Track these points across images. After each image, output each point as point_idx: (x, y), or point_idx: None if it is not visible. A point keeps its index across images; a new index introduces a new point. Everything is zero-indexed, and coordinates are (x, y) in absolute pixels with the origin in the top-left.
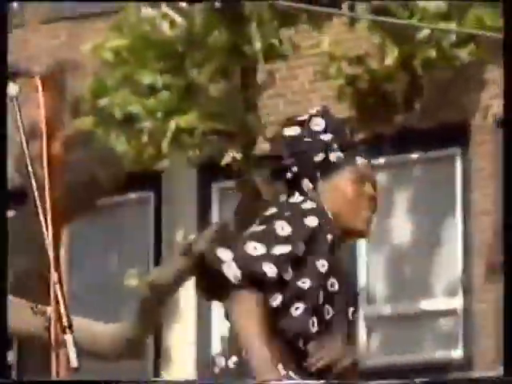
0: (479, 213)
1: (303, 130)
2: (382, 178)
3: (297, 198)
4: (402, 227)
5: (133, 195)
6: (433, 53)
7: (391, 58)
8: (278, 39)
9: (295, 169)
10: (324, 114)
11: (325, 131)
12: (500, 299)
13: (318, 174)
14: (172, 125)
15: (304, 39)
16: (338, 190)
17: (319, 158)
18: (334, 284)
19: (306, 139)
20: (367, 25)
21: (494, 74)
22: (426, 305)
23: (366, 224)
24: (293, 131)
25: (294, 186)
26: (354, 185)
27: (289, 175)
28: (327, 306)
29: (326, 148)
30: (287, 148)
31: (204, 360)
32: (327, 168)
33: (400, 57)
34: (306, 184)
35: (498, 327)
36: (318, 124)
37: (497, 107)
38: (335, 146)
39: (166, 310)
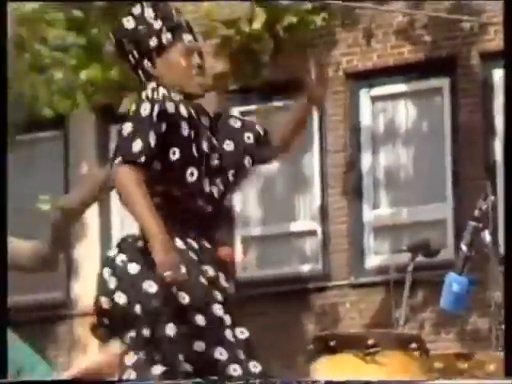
0: (333, 151)
1: (138, 20)
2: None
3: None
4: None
5: (46, 134)
6: (293, 19)
7: (259, 22)
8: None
9: (136, 54)
10: (154, 4)
11: (155, 18)
12: (349, 221)
13: (155, 55)
14: (82, 76)
15: (185, 4)
16: (172, 64)
17: (154, 42)
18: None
19: (140, 27)
20: None
21: (342, 35)
22: (292, 227)
23: (200, 87)
24: (130, 23)
25: (137, 67)
26: (183, 57)
27: (132, 60)
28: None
29: (158, 33)
30: (127, 36)
31: None
32: (161, 49)
33: (266, 21)
34: (147, 64)
35: (349, 245)
36: (150, 14)
37: (345, 63)
38: (165, 29)
39: (73, 230)
